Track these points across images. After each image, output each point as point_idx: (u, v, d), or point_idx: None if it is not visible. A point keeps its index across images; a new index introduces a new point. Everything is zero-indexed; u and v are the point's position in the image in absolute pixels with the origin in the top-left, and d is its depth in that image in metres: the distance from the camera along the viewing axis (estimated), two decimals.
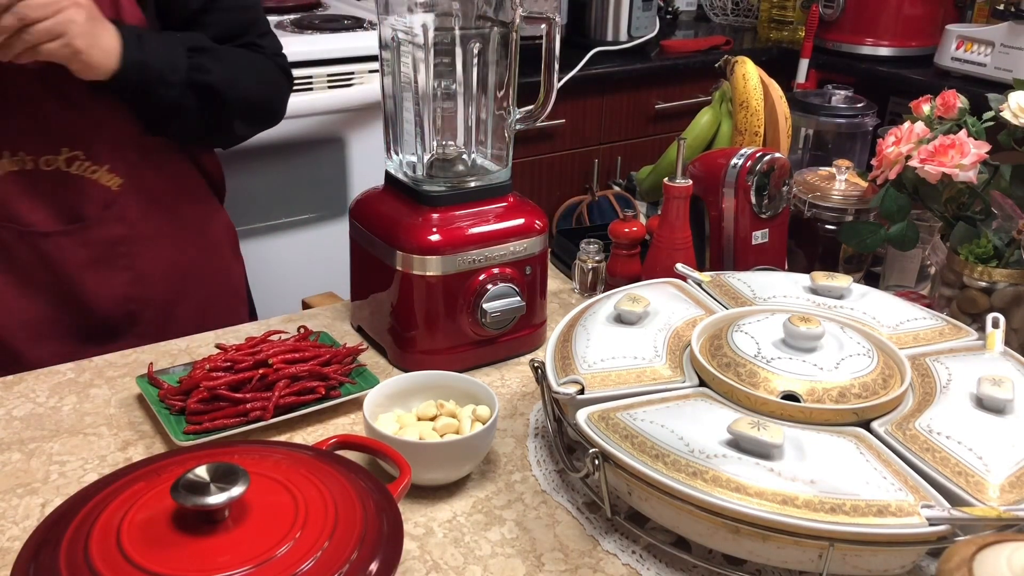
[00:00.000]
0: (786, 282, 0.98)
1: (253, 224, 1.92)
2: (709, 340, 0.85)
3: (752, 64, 1.27)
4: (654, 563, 0.76)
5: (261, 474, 0.64)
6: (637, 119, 2.46)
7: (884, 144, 1.09)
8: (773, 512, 0.67)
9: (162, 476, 0.65)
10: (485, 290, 1.00)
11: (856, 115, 1.45)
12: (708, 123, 1.32)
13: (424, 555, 0.77)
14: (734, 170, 1.09)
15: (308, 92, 1.86)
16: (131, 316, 1.20)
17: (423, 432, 0.84)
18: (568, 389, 0.80)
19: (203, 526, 0.59)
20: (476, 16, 1.00)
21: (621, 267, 1.17)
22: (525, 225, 1.03)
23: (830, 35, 2.54)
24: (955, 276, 1.01)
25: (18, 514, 0.80)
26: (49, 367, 1.03)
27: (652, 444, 0.72)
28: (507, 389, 1.01)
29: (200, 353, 1.06)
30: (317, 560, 0.58)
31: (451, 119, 1.04)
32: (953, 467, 0.70)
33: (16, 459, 0.87)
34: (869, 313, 0.92)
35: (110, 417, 0.94)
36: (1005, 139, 1.03)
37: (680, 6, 2.97)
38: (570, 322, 0.92)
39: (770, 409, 0.76)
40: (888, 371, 0.80)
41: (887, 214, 1.09)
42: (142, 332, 1.20)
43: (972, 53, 2.26)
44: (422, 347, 1.02)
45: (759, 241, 1.12)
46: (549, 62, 1.02)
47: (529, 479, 0.87)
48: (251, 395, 0.91)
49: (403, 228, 1.00)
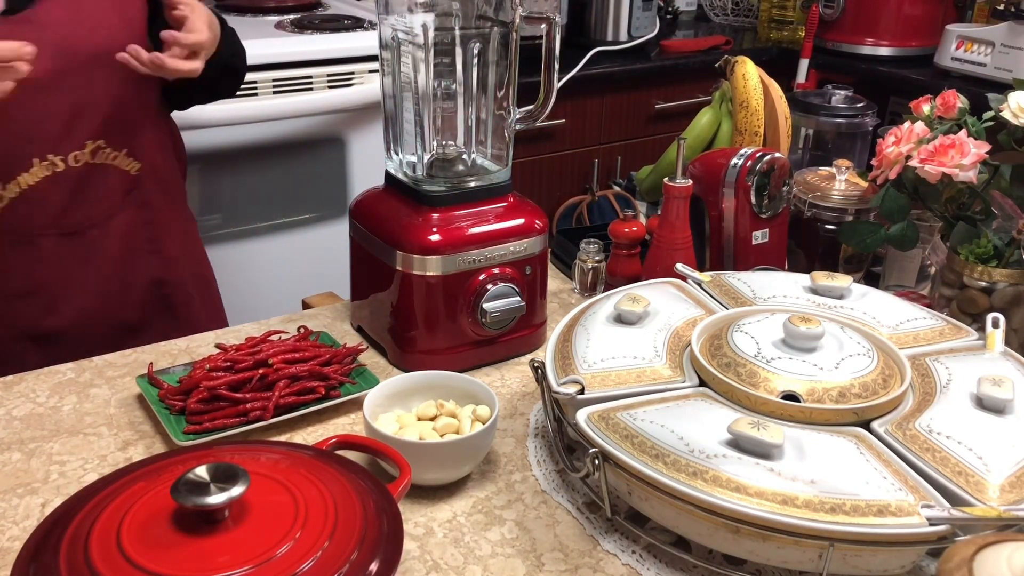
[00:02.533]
0: (786, 282, 0.98)
1: (253, 224, 1.92)
2: (709, 340, 0.85)
3: (752, 64, 1.28)
4: (654, 563, 0.76)
5: (261, 474, 0.64)
6: (637, 119, 2.46)
7: (884, 144, 1.09)
8: (773, 512, 0.67)
9: (162, 476, 0.65)
10: (485, 290, 1.00)
11: (856, 115, 1.45)
12: (708, 123, 1.32)
13: (424, 555, 0.77)
14: (734, 170, 1.09)
15: (308, 92, 1.86)
16: (165, 300, 1.24)
17: (423, 432, 0.84)
18: (568, 389, 0.80)
19: (203, 526, 0.59)
20: (476, 16, 1.00)
21: (621, 267, 1.17)
22: (525, 225, 1.03)
23: (830, 35, 2.54)
24: (955, 276, 1.01)
25: (18, 514, 0.80)
26: (49, 367, 1.03)
27: (652, 444, 0.72)
28: (507, 389, 1.01)
29: (200, 353, 1.06)
30: (317, 560, 0.58)
31: (451, 119, 1.04)
32: (953, 467, 0.70)
33: (16, 459, 0.87)
34: (869, 313, 0.92)
35: (110, 417, 0.94)
36: (1005, 139, 1.03)
37: (680, 6, 2.97)
38: (570, 322, 0.92)
39: (770, 409, 0.76)
40: (888, 371, 0.80)
41: (887, 214, 1.09)
42: (177, 315, 1.25)
43: (972, 53, 2.25)
44: (422, 347, 1.02)
45: (759, 241, 1.12)
46: (549, 62, 1.02)
47: (529, 479, 0.87)
48: (251, 395, 0.91)
49: (403, 228, 1.00)
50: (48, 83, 1.03)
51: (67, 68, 1.05)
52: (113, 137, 1.12)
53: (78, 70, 1.06)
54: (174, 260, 1.24)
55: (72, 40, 1.05)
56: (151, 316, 1.23)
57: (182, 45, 1.03)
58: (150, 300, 1.22)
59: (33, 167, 1.07)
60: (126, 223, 1.17)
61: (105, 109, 1.10)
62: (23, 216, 1.08)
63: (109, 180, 1.14)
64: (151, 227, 1.20)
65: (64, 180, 1.09)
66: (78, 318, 1.16)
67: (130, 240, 1.18)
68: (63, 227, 1.12)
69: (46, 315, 1.14)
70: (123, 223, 1.17)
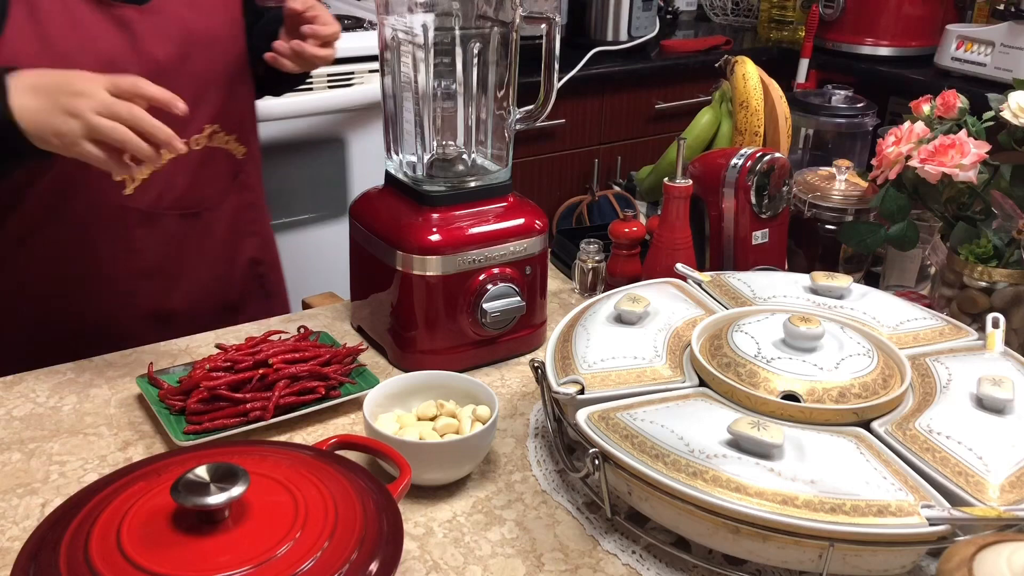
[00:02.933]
0: (786, 282, 0.98)
1: None
2: (709, 340, 0.85)
3: (752, 64, 1.27)
4: (654, 563, 0.76)
5: (261, 474, 0.64)
6: (637, 119, 2.46)
7: (884, 144, 1.09)
8: (773, 512, 0.67)
9: (162, 476, 0.65)
10: (485, 290, 1.00)
11: (856, 115, 1.45)
12: (708, 123, 1.32)
13: (424, 555, 0.77)
14: (734, 170, 1.09)
15: (308, 92, 1.86)
16: (260, 279, 1.30)
17: (423, 432, 0.84)
18: (568, 389, 0.80)
19: (203, 526, 0.59)
20: (476, 16, 1.00)
21: (621, 267, 1.17)
22: (525, 225, 1.03)
23: (830, 35, 2.54)
24: (955, 276, 1.01)
25: (18, 514, 0.80)
26: (49, 367, 1.03)
27: (652, 444, 0.72)
28: (507, 389, 1.01)
29: (200, 353, 1.06)
30: (317, 560, 0.58)
31: (451, 119, 1.04)
32: (953, 467, 0.70)
33: (16, 459, 0.87)
34: (869, 313, 0.92)
35: (110, 417, 0.94)
36: (1005, 139, 1.03)
37: (680, 6, 2.97)
38: (570, 322, 0.92)
39: (770, 409, 0.76)
40: (888, 371, 0.80)
41: (887, 214, 1.09)
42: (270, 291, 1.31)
43: (972, 53, 2.25)
44: (422, 347, 1.02)
45: (759, 241, 1.12)
46: (549, 62, 1.02)
47: (529, 479, 0.87)
48: (251, 395, 0.91)
49: (403, 228, 1.00)
50: (174, 68, 1.08)
51: (189, 53, 1.10)
52: (226, 122, 1.18)
53: (197, 55, 1.11)
54: (267, 241, 1.32)
55: (191, 26, 1.11)
56: (249, 295, 1.29)
57: (319, 37, 1.09)
58: (248, 279, 1.28)
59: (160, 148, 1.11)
60: (234, 205, 1.23)
61: (220, 94, 1.16)
62: (152, 196, 1.12)
63: (221, 163, 1.19)
64: (252, 209, 1.27)
65: (186, 162, 1.13)
66: (192, 297, 1.21)
67: (236, 222, 1.24)
68: (184, 208, 1.16)
69: (167, 294, 1.19)
70: (232, 205, 1.23)
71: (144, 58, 1.05)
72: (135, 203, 1.11)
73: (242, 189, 1.24)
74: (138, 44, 1.05)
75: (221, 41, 1.14)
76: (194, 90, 1.11)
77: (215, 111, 1.15)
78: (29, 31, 0.98)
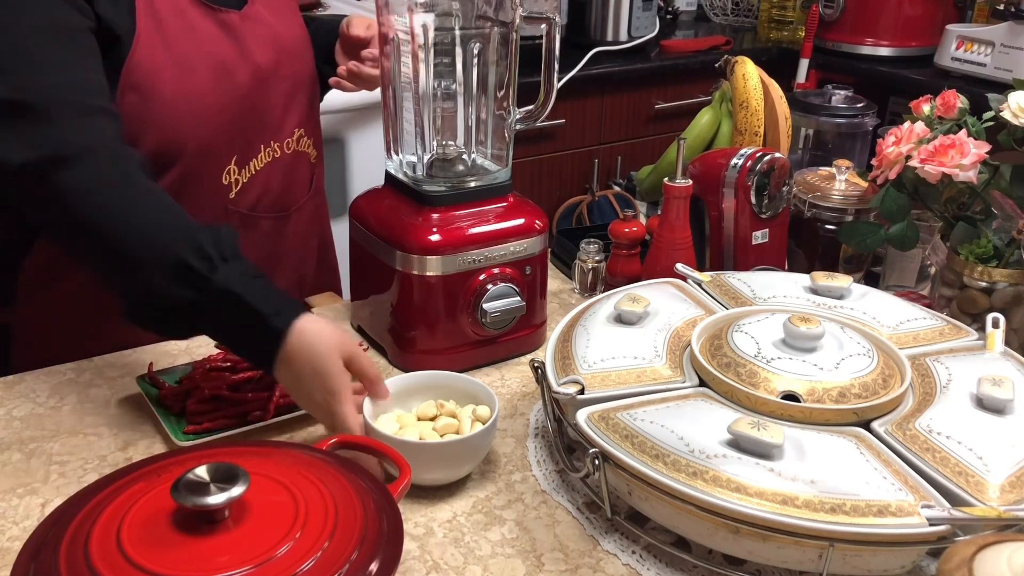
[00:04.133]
0: (786, 282, 0.98)
1: None
2: (709, 340, 0.85)
3: (752, 64, 1.27)
4: (654, 563, 0.76)
5: (261, 474, 0.64)
6: (637, 119, 2.46)
7: (884, 144, 1.09)
8: (773, 512, 0.67)
9: (162, 476, 0.65)
10: (485, 290, 1.00)
11: (856, 115, 1.45)
12: (708, 123, 1.32)
13: (424, 555, 0.77)
14: (734, 170, 1.09)
15: None
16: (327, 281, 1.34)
17: (423, 432, 0.84)
18: (568, 389, 0.80)
19: (203, 526, 0.59)
20: (476, 16, 1.00)
21: (621, 267, 1.17)
22: (525, 225, 1.03)
23: (830, 35, 2.54)
24: (955, 276, 1.01)
25: (18, 514, 0.80)
26: (48, 367, 1.03)
27: (652, 444, 0.72)
28: (507, 389, 1.01)
29: (200, 353, 1.06)
30: (317, 560, 0.58)
31: (451, 119, 1.04)
32: (953, 467, 0.70)
33: (16, 459, 0.87)
34: (869, 313, 0.92)
35: (110, 417, 0.94)
36: (1005, 139, 1.03)
37: (680, 6, 2.97)
38: (570, 322, 0.92)
39: (770, 409, 0.76)
40: (888, 371, 0.80)
41: (887, 214, 1.09)
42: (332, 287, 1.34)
43: (972, 53, 2.25)
44: (422, 347, 1.02)
45: (759, 241, 1.12)
46: (549, 62, 1.02)
47: (529, 479, 0.87)
48: (251, 395, 0.91)
49: (403, 228, 1.00)
50: (272, 73, 1.12)
51: (281, 59, 1.14)
52: (308, 126, 1.22)
53: (287, 62, 1.15)
54: (329, 242, 1.35)
55: (280, 33, 1.14)
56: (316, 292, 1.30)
57: (375, 60, 1.16)
58: (318, 280, 1.31)
59: (260, 153, 1.14)
60: (312, 207, 1.27)
61: (304, 100, 1.20)
62: (252, 198, 1.15)
63: (304, 166, 1.23)
64: (322, 210, 1.31)
65: (280, 166, 1.17)
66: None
67: (312, 223, 1.28)
68: (277, 209, 1.19)
69: None
70: (310, 207, 1.26)
71: (249, 61, 1.09)
72: (237, 207, 1.13)
73: (316, 192, 1.28)
74: (243, 48, 1.08)
75: (301, 49, 1.19)
76: (286, 95, 1.15)
77: (301, 116, 1.19)
78: (157, 40, 1.00)
